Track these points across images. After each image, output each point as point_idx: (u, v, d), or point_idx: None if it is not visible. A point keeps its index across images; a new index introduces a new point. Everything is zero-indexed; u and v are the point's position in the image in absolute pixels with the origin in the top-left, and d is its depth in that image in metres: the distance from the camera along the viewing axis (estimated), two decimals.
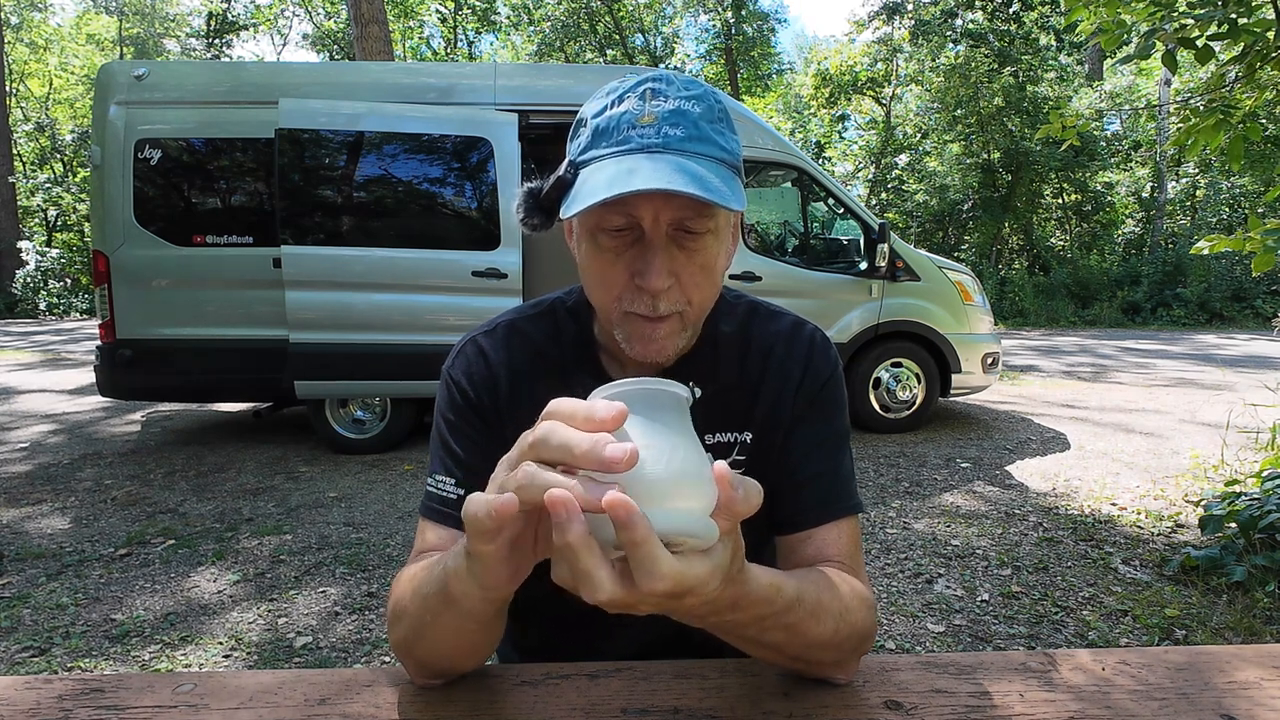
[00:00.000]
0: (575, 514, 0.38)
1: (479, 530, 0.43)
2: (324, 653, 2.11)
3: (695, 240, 0.65)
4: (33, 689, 0.63)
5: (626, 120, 0.63)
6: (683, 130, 0.62)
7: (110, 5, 23.81)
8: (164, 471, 3.94)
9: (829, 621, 0.59)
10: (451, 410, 0.76)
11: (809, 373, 0.77)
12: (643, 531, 0.38)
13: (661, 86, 0.64)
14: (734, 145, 0.66)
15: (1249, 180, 14.69)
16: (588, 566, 0.39)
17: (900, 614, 2.33)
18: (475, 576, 0.49)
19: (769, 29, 22.86)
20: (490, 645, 0.62)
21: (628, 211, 0.63)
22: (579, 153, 0.66)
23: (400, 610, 0.63)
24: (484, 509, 0.42)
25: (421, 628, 0.59)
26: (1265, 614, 2.23)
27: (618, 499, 0.37)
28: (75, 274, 16.50)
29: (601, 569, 0.39)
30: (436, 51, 24.15)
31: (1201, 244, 2.41)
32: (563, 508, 0.38)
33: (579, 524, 0.38)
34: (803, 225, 5.21)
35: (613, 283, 0.67)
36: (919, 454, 4.27)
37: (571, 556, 0.39)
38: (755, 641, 0.57)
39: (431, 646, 0.60)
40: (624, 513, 0.37)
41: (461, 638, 0.58)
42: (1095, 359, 8.74)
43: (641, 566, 0.39)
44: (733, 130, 0.67)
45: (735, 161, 0.65)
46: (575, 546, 0.38)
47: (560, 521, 0.38)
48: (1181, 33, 2.49)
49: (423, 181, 4.16)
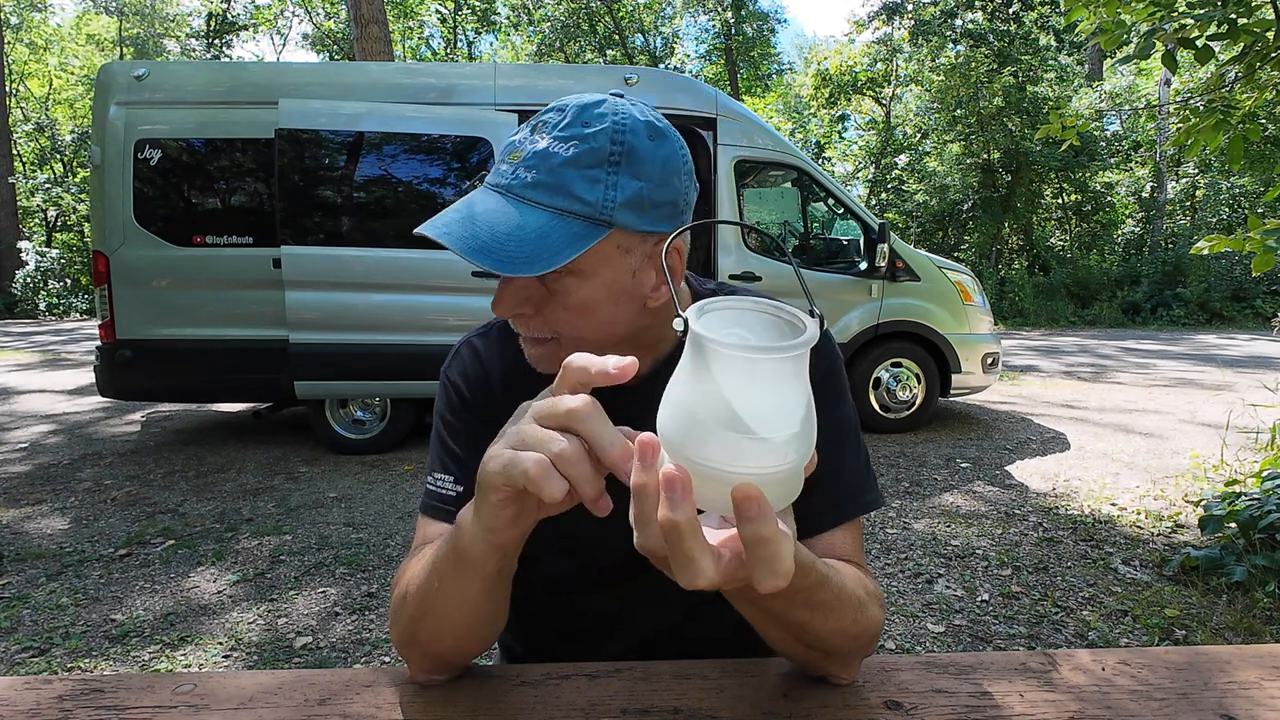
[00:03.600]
0: (689, 496, 0.36)
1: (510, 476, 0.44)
2: (324, 653, 2.11)
3: (555, 281, 0.62)
4: (33, 689, 0.63)
5: (504, 151, 0.64)
6: (534, 175, 0.60)
7: (110, 5, 23.80)
8: (164, 471, 3.94)
9: (849, 610, 0.58)
10: (449, 411, 0.77)
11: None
12: (771, 528, 0.36)
13: (552, 118, 0.62)
14: (612, 194, 0.60)
15: (1249, 180, 14.68)
16: (692, 551, 0.37)
17: (900, 614, 2.33)
18: (481, 517, 0.50)
19: (769, 29, 22.87)
20: (491, 625, 0.61)
21: None
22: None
23: (404, 595, 0.63)
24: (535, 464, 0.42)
25: (428, 601, 0.59)
26: (1265, 614, 2.23)
27: (751, 491, 0.35)
28: (75, 274, 16.50)
29: (705, 555, 0.38)
30: (436, 52, 24.15)
31: (1201, 244, 2.41)
32: (679, 486, 0.36)
33: (691, 507, 0.36)
34: (802, 225, 5.21)
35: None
36: (919, 454, 4.27)
37: (676, 538, 0.37)
38: (779, 618, 0.56)
39: (437, 623, 0.60)
40: (755, 508, 0.35)
41: (465, 607, 0.58)
42: (1095, 359, 8.74)
43: (765, 564, 0.37)
44: (636, 172, 0.61)
45: (596, 213, 0.59)
46: (683, 530, 0.37)
47: (674, 498, 0.36)
48: (1181, 33, 2.49)
49: (423, 182, 4.16)
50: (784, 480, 0.37)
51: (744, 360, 0.35)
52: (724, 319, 0.39)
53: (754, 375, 0.35)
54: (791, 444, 0.36)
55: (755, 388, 0.35)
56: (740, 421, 0.35)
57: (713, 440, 0.36)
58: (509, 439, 0.46)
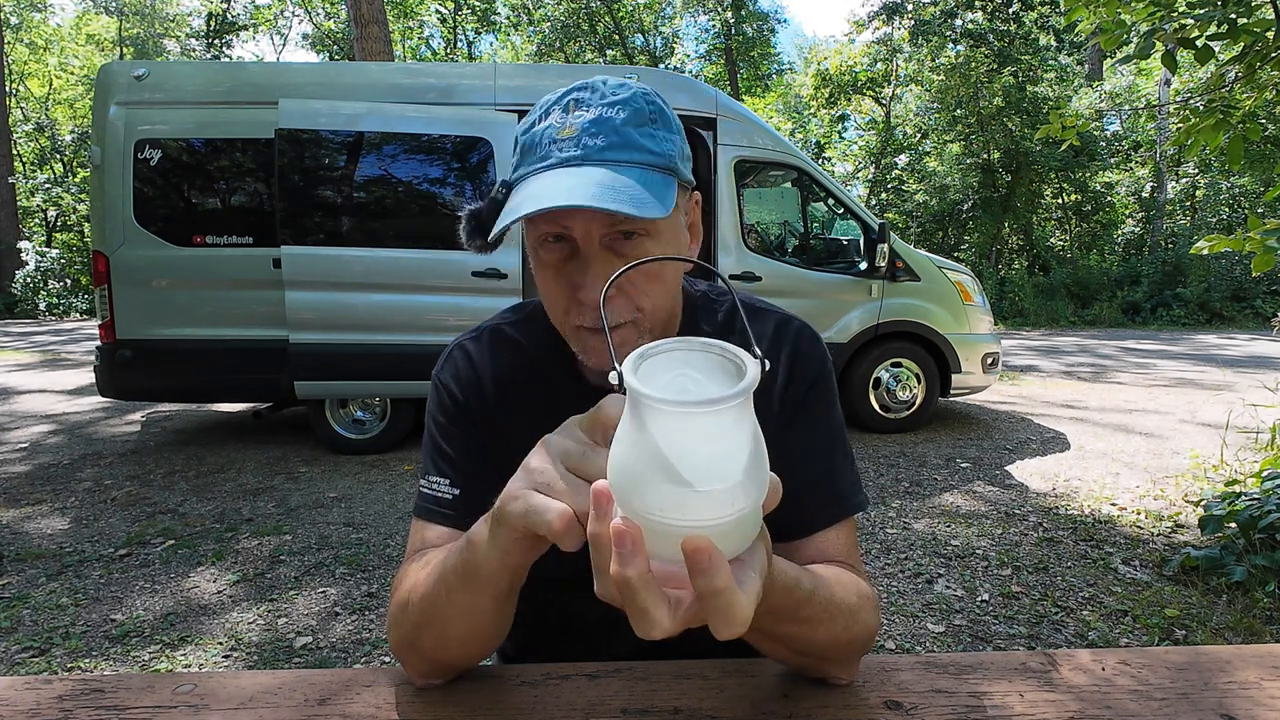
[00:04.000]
0: (640, 551, 0.36)
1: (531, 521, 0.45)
2: (324, 653, 2.11)
3: (633, 246, 0.64)
4: (33, 689, 0.63)
5: (548, 135, 0.63)
6: (603, 139, 0.61)
7: (110, 5, 23.79)
8: (164, 471, 3.94)
9: (840, 619, 0.59)
10: (441, 413, 0.77)
11: (796, 371, 0.76)
12: (724, 579, 0.36)
13: (585, 95, 0.63)
14: (667, 146, 0.64)
15: (1249, 180, 14.69)
16: (645, 604, 0.38)
17: (900, 614, 2.33)
18: (497, 541, 0.50)
19: (769, 29, 22.86)
20: (497, 634, 0.61)
21: (560, 223, 0.63)
22: (511, 171, 0.66)
23: (405, 601, 0.63)
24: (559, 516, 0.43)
25: (434, 609, 0.59)
26: (1265, 614, 2.23)
27: (701, 544, 0.35)
28: (75, 274, 16.49)
29: (660, 607, 0.38)
30: (436, 52, 24.15)
31: (1201, 244, 2.41)
32: (629, 541, 0.36)
33: (642, 561, 0.37)
34: (802, 225, 5.21)
35: (556, 298, 0.67)
36: (919, 454, 4.27)
37: (629, 592, 0.37)
38: (768, 634, 0.57)
39: (442, 630, 0.60)
40: (706, 560, 0.35)
41: (474, 618, 0.58)
42: (1095, 359, 8.74)
43: (720, 615, 0.38)
44: (671, 128, 0.66)
45: (667, 162, 0.63)
46: (635, 584, 0.37)
47: (624, 553, 0.36)
48: (1181, 33, 2.49)
49: (423, 182, 4.16)
50: (735, 528, 0.37)
51: (678, 415, 0.34)
52: (669, 362, 0.38)
53: (690, 429, 0.34)
54: (737, 492, 0.35)
55: (692, 441, 0.34)
56: (679, 475, 0.34)
57: (654, 493, 0.35)
58: (532, 476, 0.46)
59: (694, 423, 0.34)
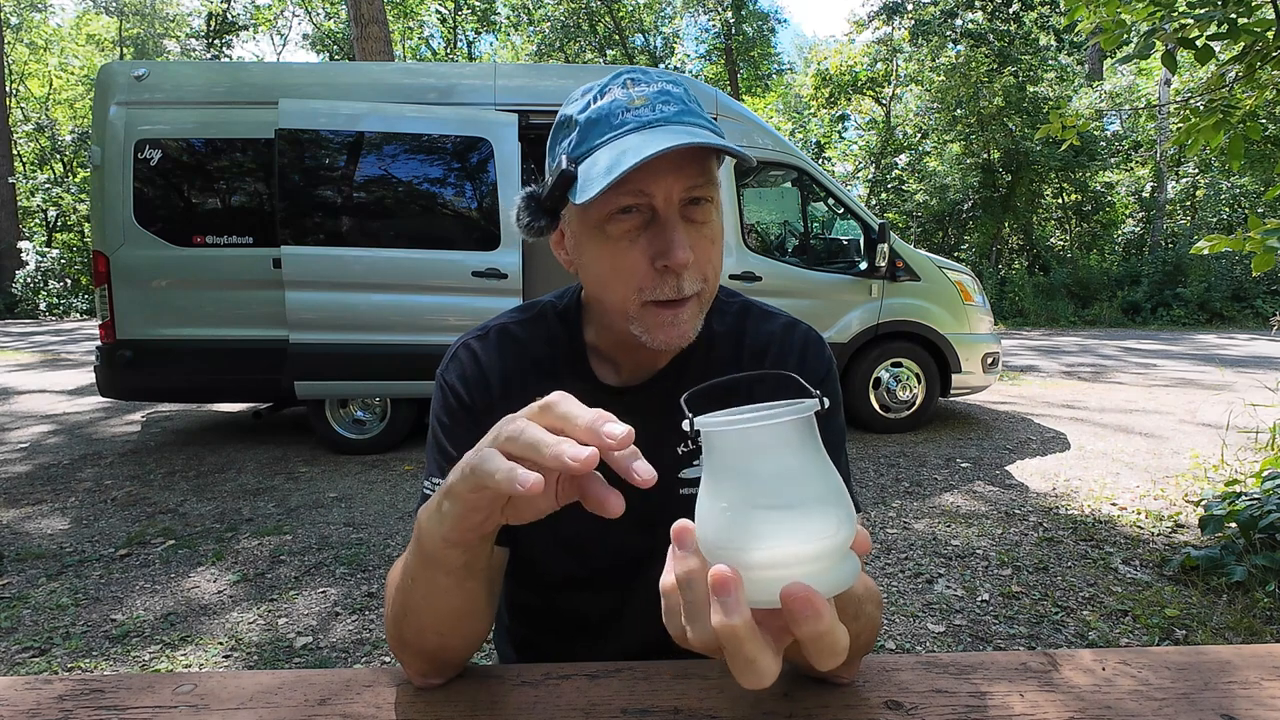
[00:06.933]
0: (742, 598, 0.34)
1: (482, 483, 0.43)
2: (324, 653, 2.11)
3: (703, 211, 0.66)
4: (33, 689, 0.63)
5: (619, 106, 0.64)
6: (674, 107, 0.65)
7: (110, 5, 23.80)
8: (164, 471, 3.94)
9: (861, 618, 0.59)
10: (446, 413, 0.76)
11: (804, 374, 0.76)
12: (828, 623, 0.34)
13: (640, 75, 0.67)
14: (708, 118, 0.68)
15: (1249, 180, 14.69)
16: (753, 654, 0.35)
17: (900, 614, 2.33)
18: (442, 515, 0.50)
19: (769, 29, 22.87)
20: (470, 619, 0.62)
21: (639, 189, 0.63)
22: (573, 148, 0.66)
23: (389, 596, 0.64)
24: (507, 474, 0.41)
25: (405, 597, 0.60)
26: (1265, 614, 2.23)
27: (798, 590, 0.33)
28: (75, 274, 16.50)
29: (766, 655, 0.35)
30: (436, 52, 24.15)
31: (1201, 244, 2.41)
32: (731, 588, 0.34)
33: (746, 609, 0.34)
34: (803, 225, 5.21)
35: (631, 272, 0.66)
36: (919, 454, 4.27)
37: (735, 643, 0.35)
38: None
39: (418, 620, 0.60)
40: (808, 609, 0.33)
41: (436, 600, 0.58)
42: (1095, 359, 8.74)
43: (825, 652, 0.35)
44: (700, 107, 0.70)
45: (717, 129, 0.67)
46: (741, 634, 0.34)
47: (726, 601, 0.34)
48: (1181, 33, 2.49)
49: (423, 182, 4.16)
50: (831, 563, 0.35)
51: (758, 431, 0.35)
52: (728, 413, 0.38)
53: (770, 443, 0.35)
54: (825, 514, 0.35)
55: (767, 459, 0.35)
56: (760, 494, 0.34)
57: (740, 526, 0.35)
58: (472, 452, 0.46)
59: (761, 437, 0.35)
